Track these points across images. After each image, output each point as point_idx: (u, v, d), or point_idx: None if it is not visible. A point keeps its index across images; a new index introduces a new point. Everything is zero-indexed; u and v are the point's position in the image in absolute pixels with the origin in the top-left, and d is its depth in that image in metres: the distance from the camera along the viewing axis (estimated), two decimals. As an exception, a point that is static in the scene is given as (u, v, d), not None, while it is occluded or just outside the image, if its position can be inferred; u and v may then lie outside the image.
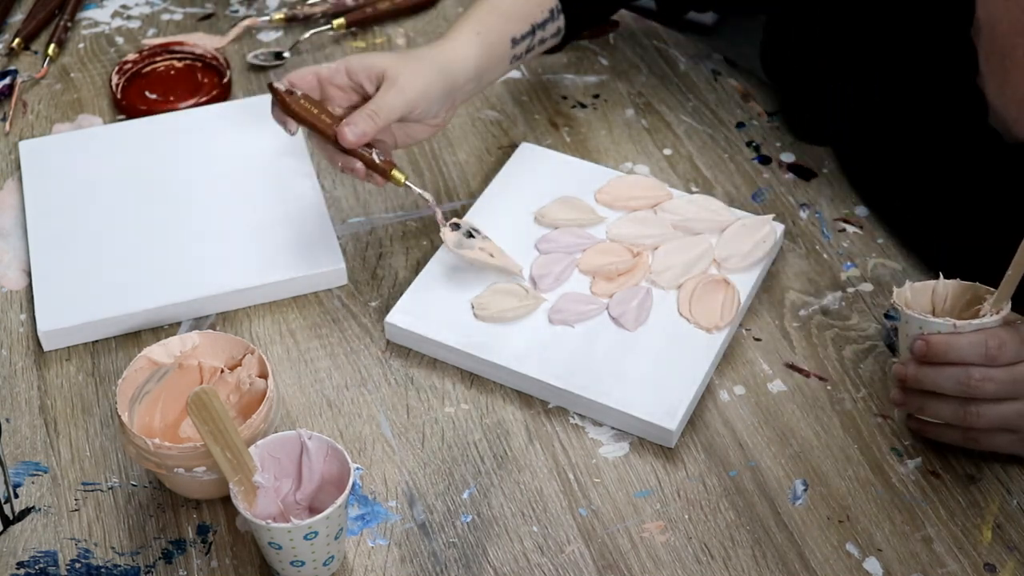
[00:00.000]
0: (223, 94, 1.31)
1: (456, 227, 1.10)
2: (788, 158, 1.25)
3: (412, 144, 1.13)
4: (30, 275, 1.14)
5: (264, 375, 0.98)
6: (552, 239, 1.14)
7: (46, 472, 1.00)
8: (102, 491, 0.99)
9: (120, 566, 0.94)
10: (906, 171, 1.13)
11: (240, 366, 1.00)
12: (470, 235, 1.09)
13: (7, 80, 1.32)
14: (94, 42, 1.39)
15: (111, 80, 1.32)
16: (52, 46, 1.36)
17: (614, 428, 1.02)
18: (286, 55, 1.36)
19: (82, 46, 1.39)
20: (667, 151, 1.25)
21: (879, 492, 0.98)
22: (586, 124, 1.28)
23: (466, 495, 0.98)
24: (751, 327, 1.09)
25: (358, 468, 1.00)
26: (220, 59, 1.34)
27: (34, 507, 0.98)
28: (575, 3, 1.19)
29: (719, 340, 1.05)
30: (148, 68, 1.35)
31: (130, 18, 1.42)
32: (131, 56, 1.34)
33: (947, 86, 1.07)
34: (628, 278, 1.10)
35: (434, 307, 1.08)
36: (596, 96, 1.32)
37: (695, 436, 1.02)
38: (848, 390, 1.04)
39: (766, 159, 1.25)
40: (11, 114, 1.30)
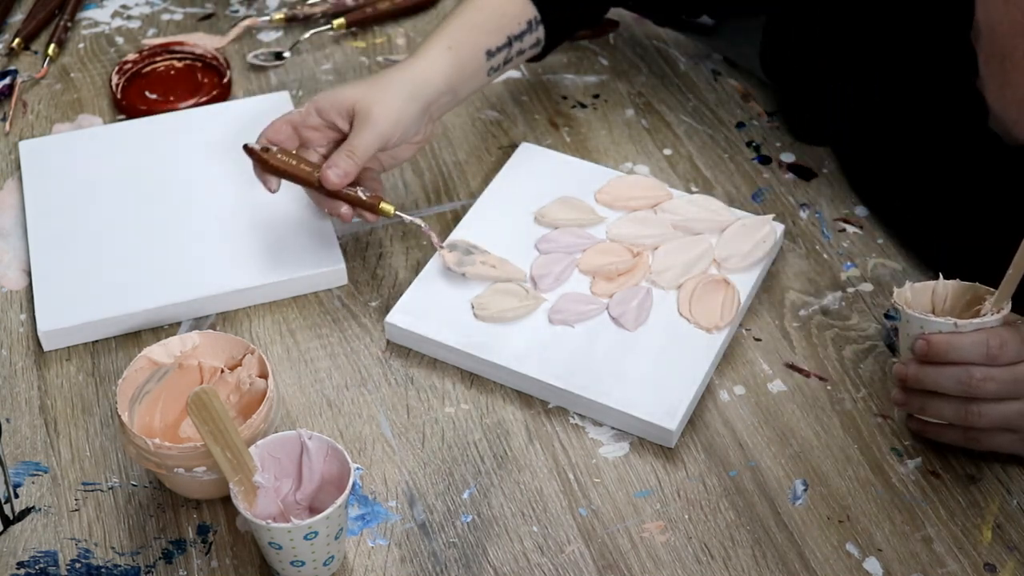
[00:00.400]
0: (223, 94, 1.31)
1: (454, 247, 1.10)
2: (788, 158, 1.25)
3: (399, 164, 1.14)
4: (30, 275, 1.14)
5: (264, 375, 0.98)
6: (552, 239, 1.14)
7: (46, 472, 1.00)
8: (102, 491, 0.99)
9: (120, 566, 0.94)
10: (906, 172, 1.13)
11: (240, 366, 1.00)
12: (468, 251, 1.10)
13: (7, 80, 1.32)
14: (94, 42, 1.39)
15: (111, 80, 1.32)
16: (52, 46, 1.36)
17: (614, 428, 1.02)
18: (286, 55, 1.36)
19: (82, 46, 1.39)
20: (667, 151, 1.25)
21: (879, 492, 0.98)
22: (586, 124, 1.28)
23: (466, 495, 0.98)
24: (751, 327, 1.09)
25: (358, 468, 1.00)
26: (220, 59, 1.34)
27: (34, 507, 0.98)
28: (555, 15, 1.19)
29: (719, 340, 1.05)
30: (148, 68, 1.35)
31: (130, 18, 1.42)
32: (131, 56, 1.34)
33: (947, 89, 1.07)
34: (628, 278, 1.10)
35: (434, 307, 1.08)
36: (596, 96, 1.32)
37: (695, 436, 1.02)
38: (848, 390, 1.04)
39: (766, 159, 1.25)
40: (11, 114, 1.30)
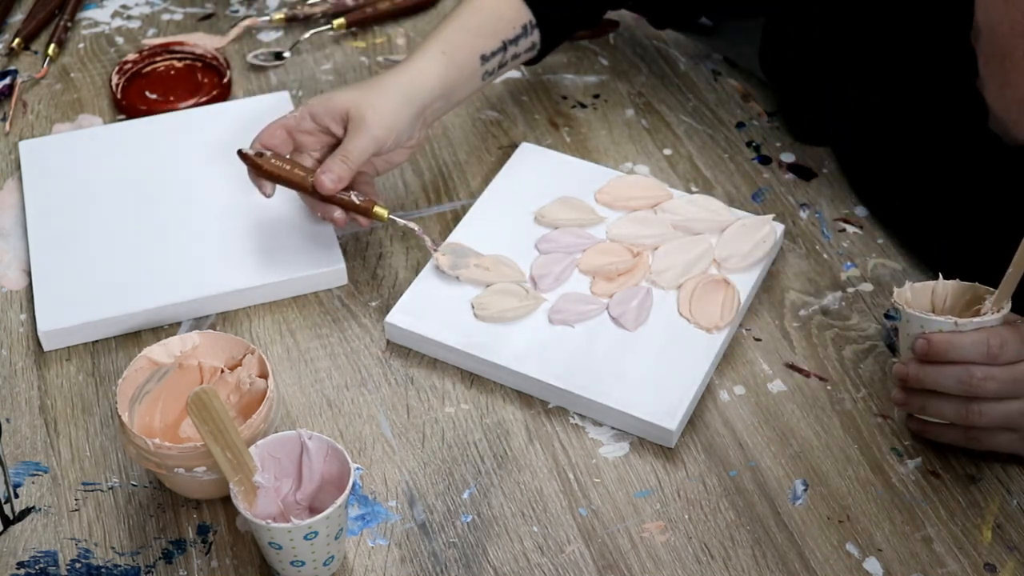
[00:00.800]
0: (223, 94, 1.31)
1: (447, 251, 1.10)
2: (788, 158, 1.25)
3: (393, 168, 1.14)
4: (30, 275, 1.14)
5: (264, 375, 0.98)
6: (552, 239, 1.14)
7: (46, 472, 1.00)
8: (102, 491, 0.99)
9: (120, 566, 0.94)
10: (906, 173, 1.13)
11: (240, 366, 1.00)
12: (463, 254, 1.10)
13: (7, 80, 1.32)
14: (94, 42, 1.39)
15: (111, 80, 1.32)
16: (52, 46, 1.36)
17: (614, 428, 1.02)
18: (286, 55, 1.36)
19: (82, 46, 1.39)
20: (667, 151, 1.25)
21: (879, 492, 0.98)
22: (586, 124, 1.28)
23: (466, 495, 0.98)
24: (751, 327, 1.09)
25: (358, 468, 1.00)
26: (220, 59, 1.34)
27: (34, 507, 0.98)
28: (551, 18, 1.19)
29: (719, 340, 1.05)
30: (148, 68, 1.35)
31: (130, 18, 1.42)
32: (131, 56, 1.34)
33: (946, 89, 1.07)
34: (628, 278, 1.10)
35: (434, 307, 1.08)
36: (596, 96, 1.32)
37: (695, 436, 1.02)
38: (848, 390, 1.04)
39: (766, 159, 1.25)
40: (11, 114, 1.30)
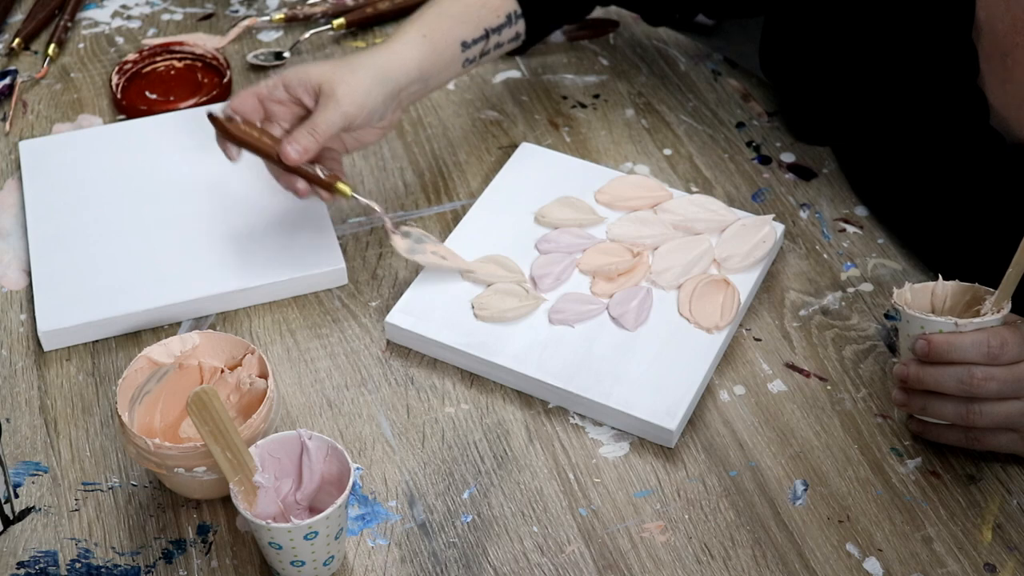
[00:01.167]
0: (223, 94, 1.31)
1: (407, 235, 1.10)
2: (788, 158, 1.25)
3: (363, 148, 1.13)
4: (30, 275, 1.14)
5: (264, 375, 0.98)
6: (552, 239, 1.14)
7: (46, 472, 1.00)
8: (102, 491, 0.99)
9: (120, 566, 0.94)
10: (907, 171, 1.13)
11: (240, 366, 1.00)
12: (420, 240, 1.10)
13: (7, 80, 1.32)
14: (94, 42, 1.39)
15: (111, 80, 1.32)
16: (52, 46, 1.36)
17: (614, 428, 1.02)
18: (286, 55, 1.36)
19: (82, 46, 1.39)
20: (667, 151, 1.25)
21: (879, 492, 0.98)
22: (586, 124, 1.28)
23: (466, 495, 0.98)
24: (751, 327, 1.09)
25: (358, 468, 1.00)
26: (220, 59, 1.34)
27: (34, 507, 0.98)
28: (536, 9, 1.19)
29: (719, 340, 1.05)
30: (148, 68, 1.35)
31: (130, 18, 1.42)
32: (131, 56, 1.34)
33: (948, 87, 1.07)
34: (628, 278, 1.10)
35: (434, 307, 1.08)
36: (596, 96, 1.32)
37: (695, 436, 1.02)
38: (848, 390, 1.04)
39: (766, 159, 1.25)
40: (11, 114, 1.30)
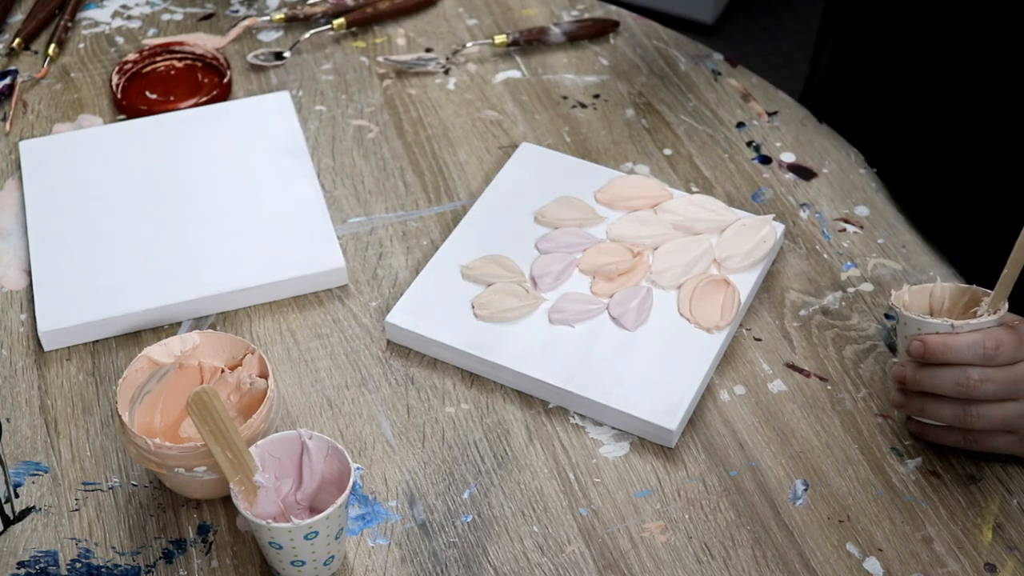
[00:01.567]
0: (223, 94, 1.31)
1: None
2: (788, 158, 1.25)
3: None
4: (30, 275, 1.14)
5: (264, 375, 0.98)
6: (552, 239, 1.14)
7: (46, 472, 1.00)
8: (102, 491, 0.99)
9: (120, 566, 0.94)
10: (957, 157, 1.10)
11: (240, 366, 1.00)
12: None
13: (7, 80, 1.32)
14: (94, 42, 1.39)
15: (111, 80, 1.32)
16: (52, 46, 1.36)
17: (614, 428, 1.02)
18: (286, 55, 1.36)
19: (82, 46, 1.39)
20: (667, 151, 1.25)
21: (879, 492, 0.98)
22: (586, 124, 1.28)
23: (466, 495, 0.98)
24: (751, 327, 1.09)
25: (358, 468, 1.00)
26: (220, 59, 1.34)
27: (34, 507, 0.98)
28: None
29: (719, 340, 1.06)
30: (148, 68, 1.35)
31: (130, 18, 1.42)
32: (131, 56, 1.34)
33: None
34: (628, 278, 1.10)
35: (434, 307, 1.08)
36: (596, 96, 1.32)
37: (695, 436, 1.02)
38: (848, 390, 1.04)
39: (766, 159, 1.25)
40: (11, 114, 1.30)
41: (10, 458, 1.01)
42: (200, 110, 1.28)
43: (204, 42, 1.37)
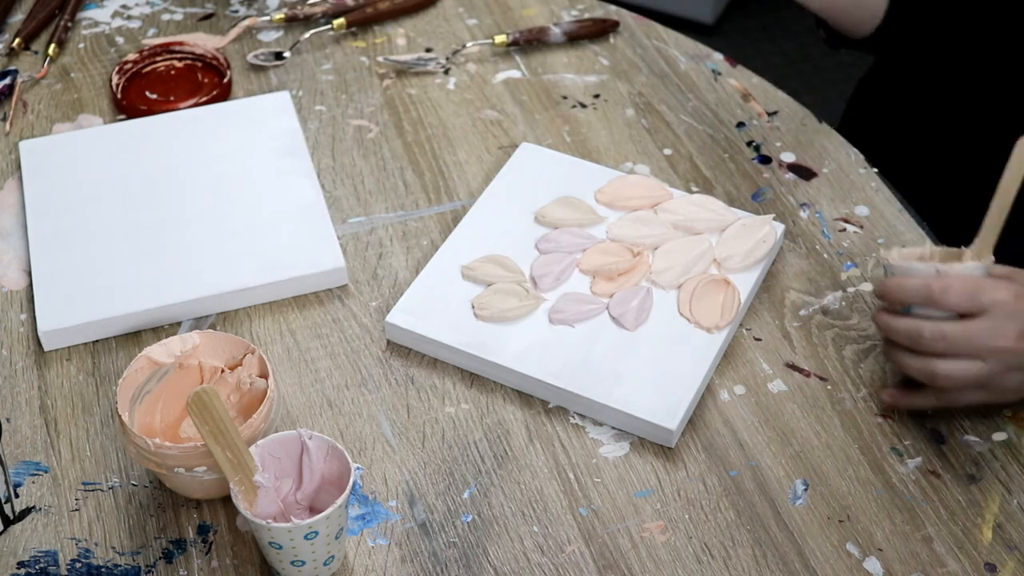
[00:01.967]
0: (223, 94, 1.31)
1: None
2: (788, 158, 1.25)
3: None
4: (30, 275, 1.14)
5: (264, 375, 0.98)
6: (552, 239, 1.14)
7: (46, 472, 1.00)
8: (102, 491, 0.99)
9: (120, 566, 0.94)
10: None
11: (240, 366, 1.00)
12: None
13: (7, 80, 1.32)
14: (94, 42, 1.39)
15: (111, 80, 1.32)
16: (52, 46, 1.36)
17: (614, 428, 1.02)
18: (286, 55, 1.36)
19: (82, 46, 1.39)
20: (667, 151, 1.25)
21: (879, 492, 0.98)
22: (586, 124, 1.28)
23: (466, 495, 0.98)
24: (751, 327, 1.09)
25: (358, 468, 1.00)
26: (220, 59, 1.34)
27: (34, 507, 0.98)
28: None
29: (719, 340, 1.06)
30: (148, 68, 1.35)
31: (130, 18, 1.42)
32: (131, 56, 1.34)
33: None
34: (628, 278, 1.10)
35: (434, 307, 1.08)
36: (596, 96, 1.32)
37: (695, 436, 1.02)
38: (848, 390, 1.04)
39: (766, 159, 1.25)
40: (11, 114, 1.30)
41: (10, 458, 1.01)
42: (200, 110, 1.28)
43: (204, 42, 1.37)
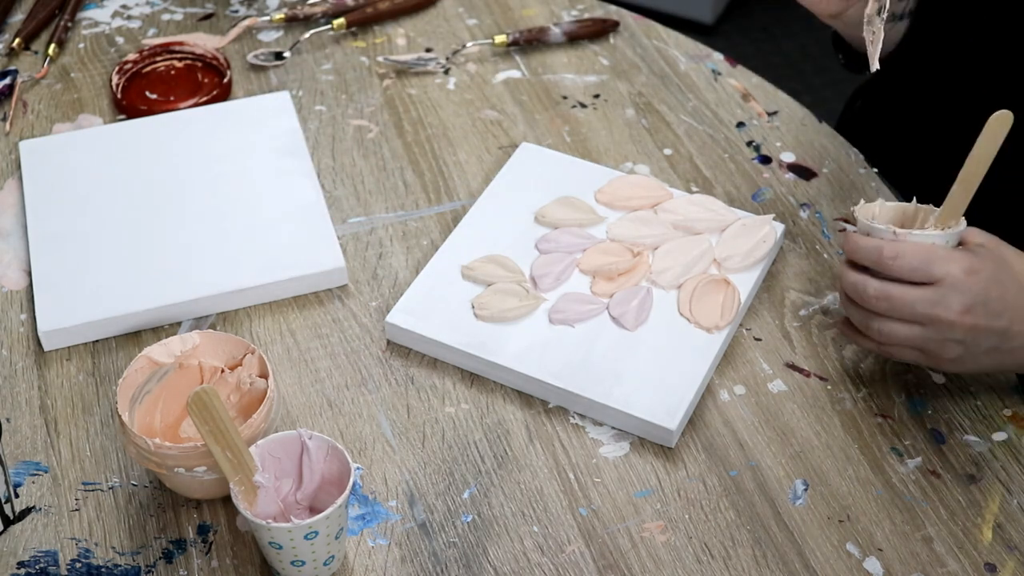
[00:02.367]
0: (223, 94, 1.31)
1: None
2: (788, 158, 1.25)
3: None
4: (30, 275, 1.14)
5: (264, 375, 0.98)
6: (552, 239, 1.14)
7: (46, 472, 1.00)
8: (102, 491, 0.99)
9: (120, 566, 0.94)
10: None
11: (240, 366, 1.00)
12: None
13: (7, 80, 1.32)
14: (94, 42, 1.39)
15: (111, 80, 1.32)
16: (52, 46, 1.36)
17: (614, 428, 1.02)
18: (286, 55, 1.36)
19: (82, 46, 1.39)
20: (667, 151, 1.25)
21: (879, 492, 0.98)
22: (586, 124, 1.28)
23: (466, 495, 0.98)
24: (751, 327, 1.09)
25: (358, 468, 1.00)
26: (220, 59, 1.34)
27: (35, 507, 0.98)
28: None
29: (719, 340, 1.05)
30: (148, 68, 1.35)
31: (130, 18, 1.42)
32: (131, 56, 1.34)
33: None
34: (628, 278, 1.10)
35: (434, 307, 1.08)
36: (596, 96, 1.32)
37: (695, 436, 1.02)
38: (848, 390, 1.04)
39: (766, 159, 1.25)
40: (11, 114, 1.30)
41: (10, 458, 1.01)
42: (200, 110, 1.28)
43: (204, 42, 1.37)
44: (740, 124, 1.28)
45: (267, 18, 1.39)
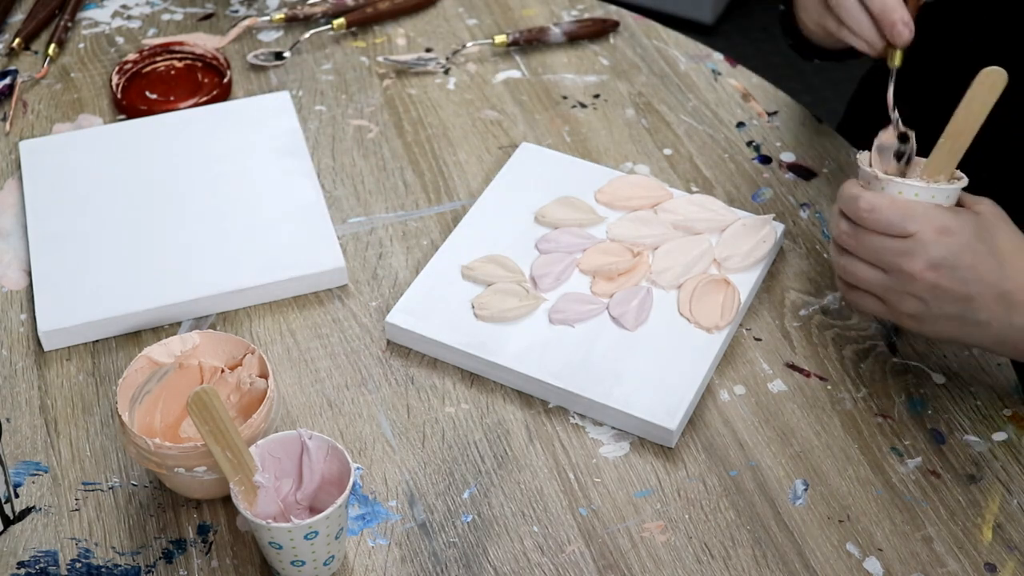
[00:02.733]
0: (223, 94, 1.31)
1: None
2: (788, 158, 1.25)
3: None
4: (30, 275, 1.14)
5: (264, 375, 0.98)
6: (552, 239, 1.14)
7: (46, 472, 1.00)
8: (102, 491, 0.99)
9: (120, 566, 0.94)
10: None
11: (240, 366, 1.00)
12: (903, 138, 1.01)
13: (7, 80, 1.32)
14: (94, 42, 1.39)
15: (111, 80, 1.32)
16: (52, 46, 1.36)
17: (614, 428, 1.02)
18: (286, 55, 1.36)
19: (82, 46, 1.39)
20: (667, 151, 1.25)
21: (879, 492, 0.98)
22: (586, 124, 1.28)
23: (466, 495, 0.98)
24: (751, 327, 1.09)
25: (358, 468, 1.00)
26: (220, 59, 1.34)
27: (34, 507, 0.98)
28: None
29: (719, 340, 1.06)
30: (148, 68, 1.35)
31: (130, 18, 1.42)
32: (131, 56, 1.34)
33: None
34: (628, 278, 1.10)
35: (434, 307, 1.08)
36: (596, 96, 1.32)
37: (695, 436, 1.02)
38: (848, 390, 1.04)
39: (766, 159, 1.25)
40: (11, 114, 1.30)
41: (10, 458, 1.01)
42: (200, 110, 1.28)
43: (204, 42, 1.37)
44: (740, 124, 1.28)
45: (267, 18, 1.39)
